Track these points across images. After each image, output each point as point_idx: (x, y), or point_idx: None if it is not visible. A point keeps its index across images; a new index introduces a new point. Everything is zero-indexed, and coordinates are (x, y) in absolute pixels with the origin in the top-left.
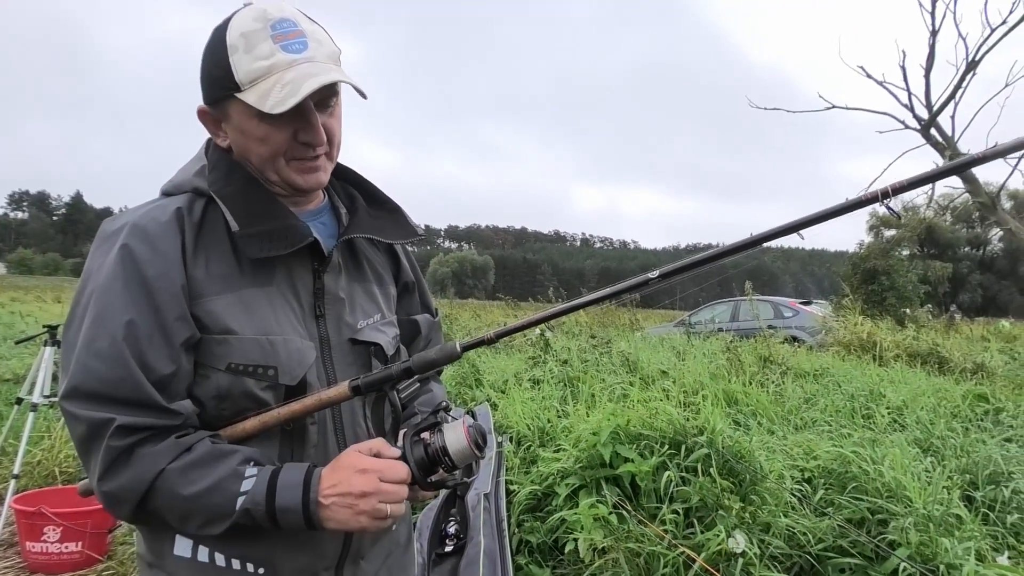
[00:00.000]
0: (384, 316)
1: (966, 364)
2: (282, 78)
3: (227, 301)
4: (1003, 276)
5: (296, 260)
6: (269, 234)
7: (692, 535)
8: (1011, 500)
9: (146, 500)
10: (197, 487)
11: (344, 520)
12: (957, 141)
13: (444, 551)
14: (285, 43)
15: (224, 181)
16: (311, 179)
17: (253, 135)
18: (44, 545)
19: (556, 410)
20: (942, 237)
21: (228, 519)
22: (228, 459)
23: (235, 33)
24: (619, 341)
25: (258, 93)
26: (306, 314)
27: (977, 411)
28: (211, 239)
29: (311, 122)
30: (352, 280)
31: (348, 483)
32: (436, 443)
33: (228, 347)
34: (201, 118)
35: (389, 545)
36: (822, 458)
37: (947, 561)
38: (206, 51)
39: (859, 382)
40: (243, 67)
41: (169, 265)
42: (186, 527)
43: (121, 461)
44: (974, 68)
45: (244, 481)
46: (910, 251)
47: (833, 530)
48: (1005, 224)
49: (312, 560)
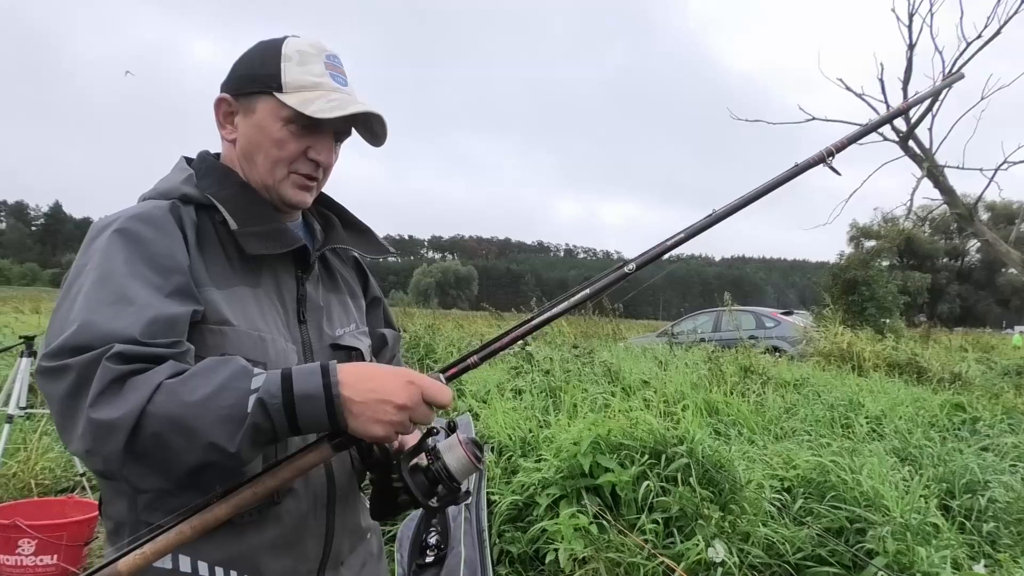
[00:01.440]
0: (358, 326)
1: (944, 374)
2: (328, 95)
3: (224, 294)
4: (981, 287)
5: (282, 266)
6: (267, 234)
7: (672, 544)
8: (987, 509)
9: (142, 424)
10: (202, 392)
11: (370, 423)
12: (935, 153)
13: (424, 562)
14: (334, 73)
15: (219, 186)
16: (301, 196)
17: (271, 135)
18: (19, 558)
19: (538, 420)
20: (921, 248)
21: (241, 424)
22: (232, 361)
23: (291, 48)
24: (601, 351)
25: (301, 99)
26: (290, 318)
27: (955, 420)
28: (206, 240)
29: (327, 143)
30: (328, 291)
31: (392, 391)
32: (437, 466)
33: (223, 338)
34: (218, 106)
35: (364, 555)
36: (801, 467)
37: (923, 569)
38: (253, 52)
39: (839, 392)
40: (293, 75)
41: (174, 244)
42: (192, 449)
43: (116, 385)
44: None
45: (255, 378)
46: (890, 262)
47: (812, 539)
48: (982, 235)
49: (295, 562)
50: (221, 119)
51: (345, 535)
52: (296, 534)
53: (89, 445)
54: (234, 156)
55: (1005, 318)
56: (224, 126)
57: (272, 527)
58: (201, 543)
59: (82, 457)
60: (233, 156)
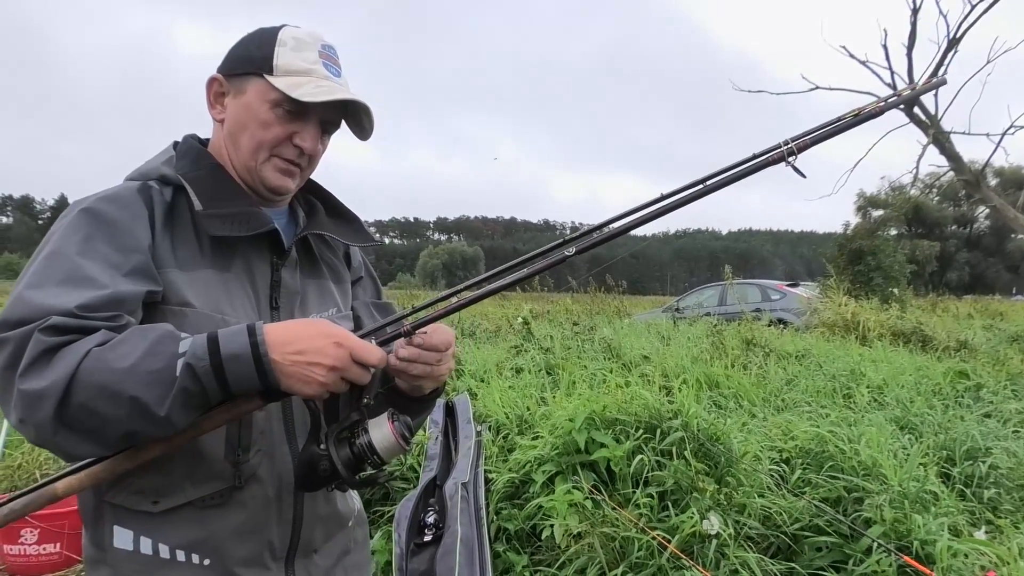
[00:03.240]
0: (340, 311)
1: (950, 342)
2: (318, 82)
3: (188, 276)
4: (990, 253)
5: (255, 252)
6: (232, 216)
7: (667, 518)
8: (988, 475)
9: (70, 392)
10: (129, 359)
11: (299, 383)
12: (940, 119)
13: (422, 541)
14: (327, 63)
15: (192, 167)
16: (283, 181)
17: (258, 117)
18: (22, 547)
19: (536, 398)
20: (929, 216)
21: (170, 388)
22: (158, 327)
23: (288, 35)
24: (603, 328)
25: (289, 82)
26: (262, 304)
27: (958, 388)
28: (177, 221)
29: (313, 131)
30: (308, 276)
31: (320, 352)
32: (362, 441)
33: (183, 319)
34: (209, 85)
35: (345, 542)
36: (800, 438)
37: (920, 537)
38: (251, 36)
39: (841, 362)
40: (285, 59)
41: (136, 224)
42: (120, 416)
43: (46, 356)
44: (956, 45)
45: (182, 342)
46: (898, 231)
47: (809, 509)
48: (990, 201)
49: (259, 548)
50: (212, 99)
51: (317, 523)
52: (260, 520)
53: (21, 415)
54: (222, 138)
55: (1015, 284)
56: (214, 106)
57: (235, 513)
58: (163, 526)
59: (18, 428)
60: (221, 138)
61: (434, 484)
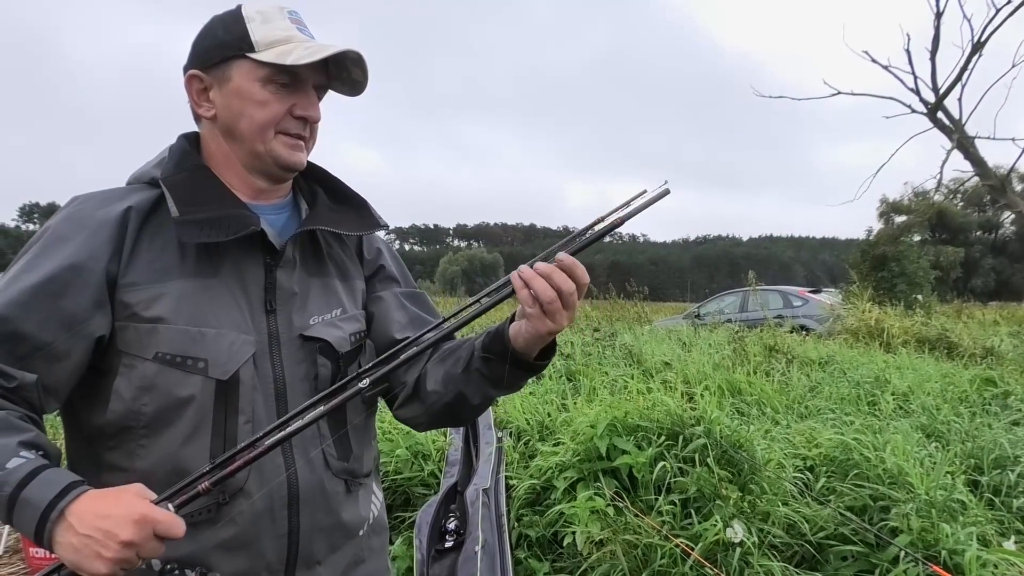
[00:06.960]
0: (345, 311)
1: (975, 349)
2: (303, 44)
3: (161, 291)
4: (1016, 259)
5: (245, 254)
6: (210, 221)
7: (690, 526)
8: (1017, 484)
9: None
10: None
11: (79, 557)
12: (965, 123)
13: (444, 547)
14: (300, 27)
15: (174, 169)
16: (296, 156)
17: (253, 99)
18: (47, 551)
19: (556, 404)
20: (953, 222)
21: None
22: (9, 434)
23: (252, 10)
24: (624, 334)
25: (277, 52)
26: (255, 309)
27: (985, 395)
28: (159, 229)
29: (311, 97)
30: (309, 275)
31: (119, 525)
32: None
33: (156, 336)
34: (189, 84)
35: (355, 551)
36: (824, 446)
37: (949, 547)
38: (212, 24)
39: (865, 369)
40: (261, 33)
41: (95, 250)
42: None
43: None
44: (980, 49)
45: (13, 459)
46: (921, 236)
47: (834, 518)
48: (1015, 207)
49: (251, 563)
50: (196, 98)
51: (318, 535)
52: (251, 534)
53: None
54: (215, 135)
55: None
56: (200, 104)
57: (226, 527)
58: None
59: None
60: (214, 135)
61: (455, 490)
